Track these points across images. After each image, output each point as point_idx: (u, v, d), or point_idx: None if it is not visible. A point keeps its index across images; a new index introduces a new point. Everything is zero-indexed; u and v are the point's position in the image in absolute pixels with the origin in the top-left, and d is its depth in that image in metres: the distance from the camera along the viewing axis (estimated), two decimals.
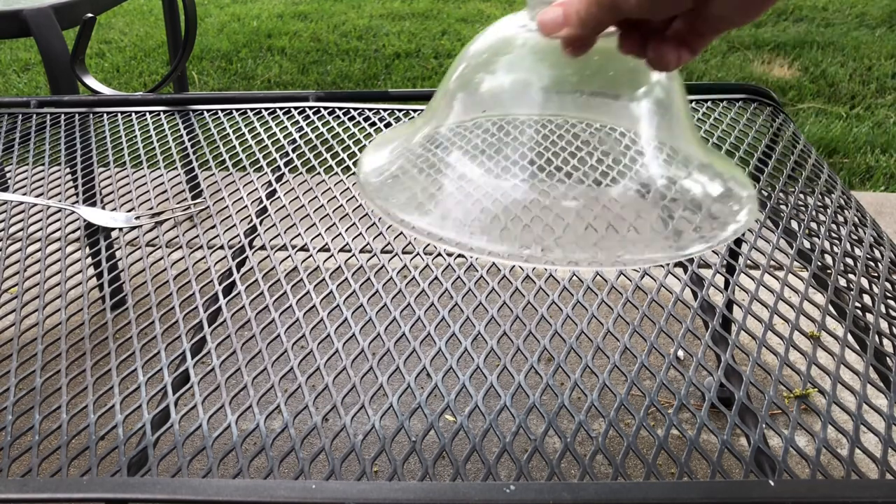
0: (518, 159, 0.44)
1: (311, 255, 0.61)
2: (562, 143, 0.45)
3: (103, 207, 0.70)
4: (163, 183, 0.73)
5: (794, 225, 0.63)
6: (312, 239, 0.62)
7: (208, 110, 0.87)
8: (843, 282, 0.55)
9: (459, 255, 0.50)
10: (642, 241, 0.42)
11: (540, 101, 0.44)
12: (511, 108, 0.45)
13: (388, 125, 0.84)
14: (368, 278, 0.57)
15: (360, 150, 0.77)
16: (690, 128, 0.47)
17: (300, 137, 0.80)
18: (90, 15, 1.03)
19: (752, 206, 0.47)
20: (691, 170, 0.46)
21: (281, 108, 0.86)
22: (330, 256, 0.61)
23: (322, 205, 0.68)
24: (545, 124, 0.44)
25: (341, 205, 0.68)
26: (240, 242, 0.62)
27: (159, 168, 0.76)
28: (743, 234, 0.62)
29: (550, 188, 0.44)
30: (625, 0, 0.32)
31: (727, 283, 0.56)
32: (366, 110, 0.85)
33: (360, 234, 0.63)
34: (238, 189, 0.71)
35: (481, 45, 0.46)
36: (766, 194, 0.67)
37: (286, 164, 0.75)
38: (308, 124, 0.83)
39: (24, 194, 0.71)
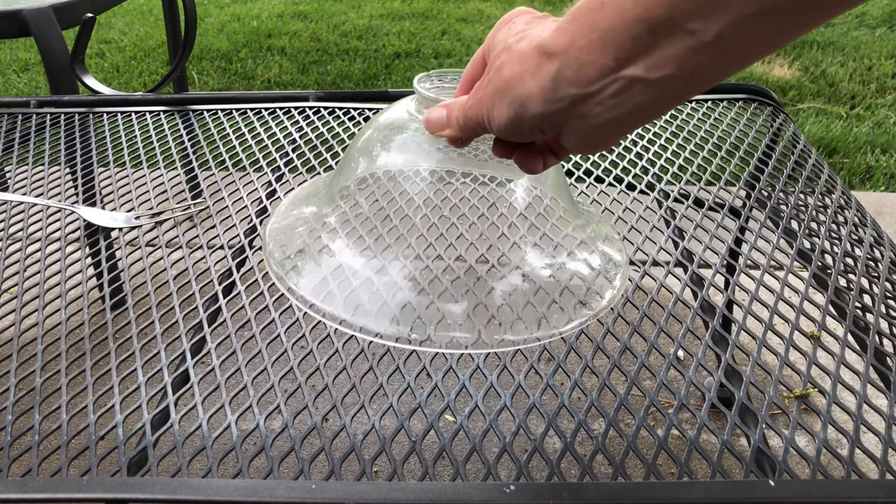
0: (412, 243, 0.47)
1: None
2: (448, 210, 0.48)
3: (103, 207, 0.70)
4: (163, 183, 0.73)
5: (795, 225, 0.63)
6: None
7: (208, 110, 0.87)
8: (843, 282, 0.55)
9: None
10: (524, 322, 0.45)
11: (431, 164, 0.48)
12: (405, 167, 0.49)
13: None
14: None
15: None
16: (567, 197, 0.52)
17: (300, 137, 0.80)
18: (90, 15, 1.03)
19: (625, 270, 0.51)
20: (572, 246, 0.50)
21: (281, 108, 0.86)
22: None
23: None
24: (438, 190, 0.48)
25: None
26: (240, 242, 0.62)
27: (159, 168, 0.76)
28: (743, 234, 0.62)
29: (438, 269, 0.47)
30: (489, 125, 0.36)
31: (727, 283, 0.56)
32: (366, 110, 0.85)
33: None
34: (238, 189, 0.71)
35: (386, 118, 0.51)
36: (766, 194, 0.67)
37: (286, 164, 0.75)
38: (308, 124, 0.83)
39: (24, 194, 0.71)
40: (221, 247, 0.62)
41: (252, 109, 0.86)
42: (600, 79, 0.30)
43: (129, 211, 0.69)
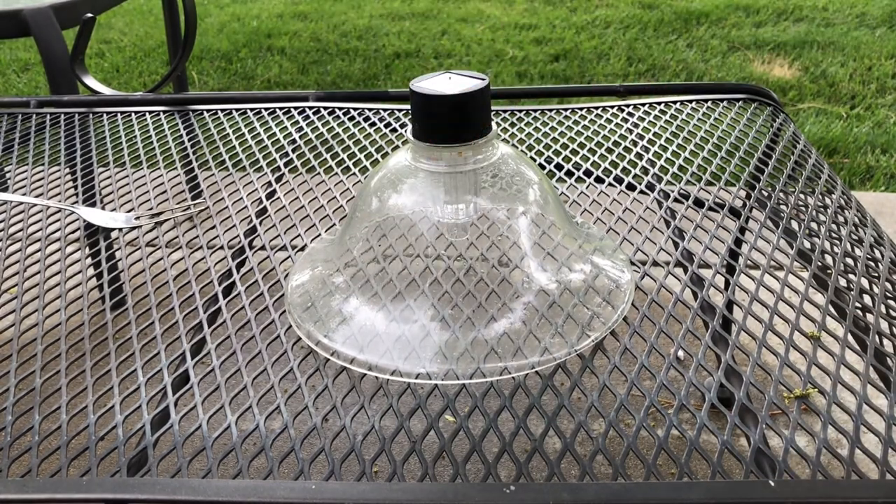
0: (428, 295, 0.50)
1: None
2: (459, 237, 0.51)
3: (103, 208, 0.70)
4: (163, 183, 0.73)
5: (795, 225, 0.63)
6: (312, 239, 0.62)
7: (208, 110, 0.87)
8: (843, 282, 0.55)
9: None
10: (542, 346, 0.47)
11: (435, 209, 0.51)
12: (414, 209, 0.52)
13: (387, 125, 0.84)
14: (368, 279, 0.57)
15: (360, 150, 0.77)
16: (567, 220, 0.55)
17: (300, 137, 0.80)
18: (90, 15, 1.03)
19: (631, 288, 0.53)
20: (581, 267, 0.52)
21: (281, 108, 0.86)
22: None
23: (322, 205, 0.68)
24: (449, 227, 0.51)
25: (341, 205, 0.68)
26: (240, 243, 0.62)
27: (159, 168, 0.76)
28: (743, 234, 0.62)
29: (456, 306, 0.49)
30: None
31: (727, 283, 0.56)
32: (366, 110, 0.85)
33: None
34: (238, 189, 0.71)
35: (388, 168, 0.53)
36: (766, 194, 0.67)
37: (286, 164, 0.75)
38: (308, 124, 0.83)
39: (24, 194, 0.71)
40: (221, 247, 0.62)
41: (252, 109, 0.86)
42: None
43: (128, 211, 0.69)
